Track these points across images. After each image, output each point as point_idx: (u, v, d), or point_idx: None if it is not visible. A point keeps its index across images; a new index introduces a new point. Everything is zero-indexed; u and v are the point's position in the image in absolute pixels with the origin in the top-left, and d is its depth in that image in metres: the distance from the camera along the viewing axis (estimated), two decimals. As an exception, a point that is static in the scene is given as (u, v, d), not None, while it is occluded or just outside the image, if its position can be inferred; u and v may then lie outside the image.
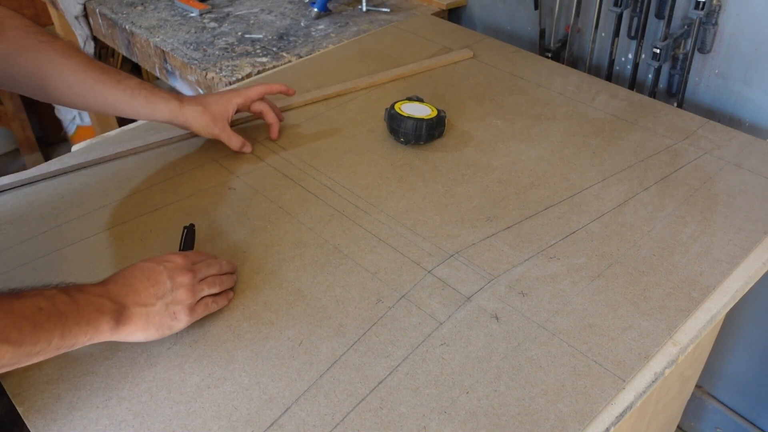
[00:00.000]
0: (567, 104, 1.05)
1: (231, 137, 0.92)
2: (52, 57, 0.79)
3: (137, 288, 0.62)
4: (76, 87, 0.80)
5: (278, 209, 0.85)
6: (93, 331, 0.57)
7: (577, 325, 0.68)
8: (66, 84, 0.80)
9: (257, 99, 0.95)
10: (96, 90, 0.81)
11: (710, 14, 1.06)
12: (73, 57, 0.80)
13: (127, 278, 0.63)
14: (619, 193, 0.86)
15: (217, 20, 1.45)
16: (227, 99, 0.91)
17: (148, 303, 0.62)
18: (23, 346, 0.52)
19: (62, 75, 0.79)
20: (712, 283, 0.72)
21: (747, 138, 0.95)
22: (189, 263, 0.67)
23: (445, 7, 1.45)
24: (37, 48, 0.78)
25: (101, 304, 0.59)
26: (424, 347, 0.66)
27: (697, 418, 1.46)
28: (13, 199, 0.88)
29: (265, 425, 0.59)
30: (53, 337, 0.54)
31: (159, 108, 0.86)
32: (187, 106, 0.88)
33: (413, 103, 0.97)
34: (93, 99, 0.82)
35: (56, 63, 0.79)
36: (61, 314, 0.55)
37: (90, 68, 0.81)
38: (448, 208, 0.84)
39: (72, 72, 0.80)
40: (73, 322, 0.56)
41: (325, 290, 0.73)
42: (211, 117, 0.89)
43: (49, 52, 0.79)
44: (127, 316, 0.60)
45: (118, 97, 0.83)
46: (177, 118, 0.88)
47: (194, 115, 0.88)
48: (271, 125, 0.97)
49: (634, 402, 0.61)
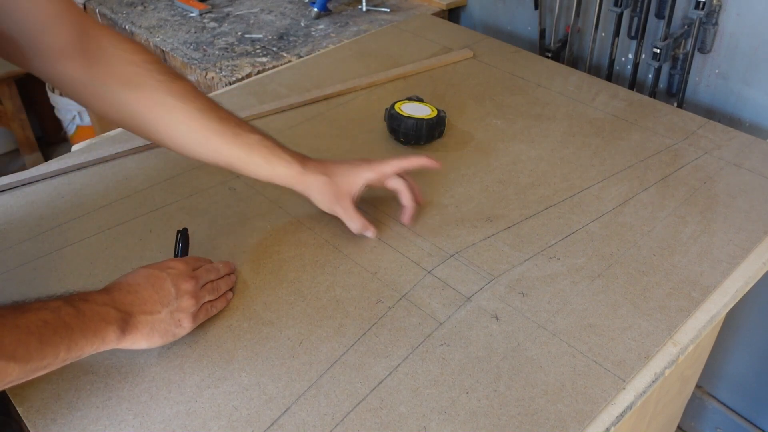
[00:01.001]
0: (567, 104, 1.05)
1: (353, 218, 0.78)
2: (168, 101, 0.71)
3: (142, 296, 0.62)
4: (189, 135, 0.73)
5: (278, 209, 0.85)
6: (99, 341, 0.57)
7: (577, 325, 0.68)
8: (178, 131, 0.73)
9: (393, 174, 0.80)
10: (210, 142, 0.74)
11: (710, 14, 1.06)
12: (190, 102, 0.72)
13: (132, 285, 0.62)
14: (619, 193, 0.86)
15: (217, 20, 1.45)
16: (357, 173, 0.79)
17: (153, 311, 0.62)
18: (30, 362, 0.51)
19: (175, 121, 0.72)
20: (712, 283, 0.72)
21: (747, 138, 0.95)
22: (190, 269, 0.67)
23: (445, 7, 1.45)
24: (153, 87, 0.71)
25: (107, 313, 0.58)
26: (424, 347, 0.66)
27: (697, 418, 1.46)
28: (13, 199, 0.88)
29: (265, 425, 0.59)
30: (59, 351, 0.53)
31: (278, 171, 0.76)
32: (311, 174, 0.77)
33: (413, 103, 0.97)
34: (206, 150, 0.74)
35: (170, 107, 0.72)
36: (67, 327, 0.54)
37: (207, 116, 0.73)
38: (448, 208, 0.84)
39: (186, 119, 0.72)
40: (80, 334, 0.55)
41: (325, 290, 0.73)
42: (335, 191, 0.78)
43: (164, 95, 0.71)
44: (133, 325, 0.60)
45: (233, 152, 0.75)
46: (297, 185, 0.78)
47: (317, 186, 0.78)
48: (405, 208, 0.82)
49: (634, 402, 0.61)
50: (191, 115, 0.72)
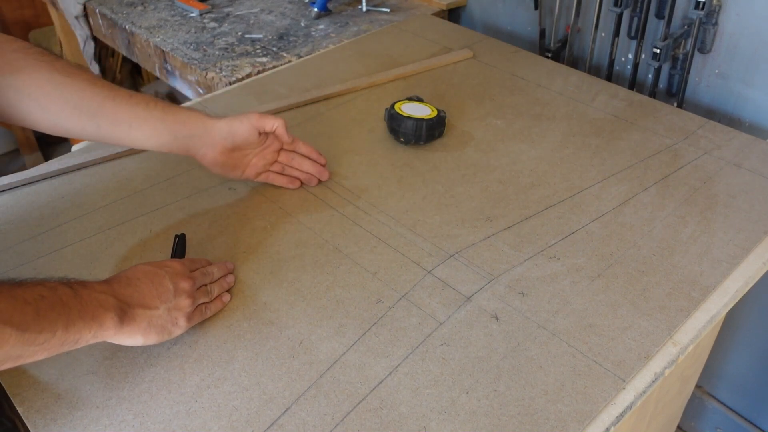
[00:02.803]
0: (567, 104, 1.05)
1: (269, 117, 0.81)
2: (54, 77, 0.71)
3: (141, 290, 0.62)
4: (82, 106, 0.72)
5: (278, 209, 0.85)
6: (97, 326, 0.56)
7: (577, 325, 0.68)
8: (70, 104, 0.71)
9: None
10: (104, 108, 0.72)
11: (710, 14, 1.06)
12: (76, 76, 0.72)
13: (131, 279, 0.62)
14: (619, 193, 0.86)
15: (217, 20, 1.45)
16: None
17: (151, 306, 0.62)
18: (27, 332, 0.50)
19: (65, 95, 0.71)
20: (712, 283, 0.72)
21: (747, 138, 0.95)
22: (187, 270, 0.67)
23: (445, 7, 1.45)
24: (37, 68, 0.70)
25: (105, 300, 0.58)
26: (424, 347, 0.66)
27: (697, 418, 1.46)
28: (13, 199, 0.88)
29: (265, 425, 0.59)
30: (57, 328, 0.52)
31: (181, 116, 0.76)
32: (214, 117, 0.79)
33: (413, 103, 0.97)
34: (103, 118, 0.73)
35: (57, 83, 0.71)
36: (64, 305, 0.54)
37: (97, 86, 0.73)
38: (448, 208, 0.84)
39: (76, 90, 0.72)
40: (77, 316, 0.54)
41: (325, 290, 0.73)
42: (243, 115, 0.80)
43: (50, 72, 0.71)
44: (131, 317, 0.60)
45: (131, 111, 0.74)
46: (201, 126, 0.78)
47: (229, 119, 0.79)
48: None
49: (634, 402, 0.61)
50: (81, 87, 0.72)
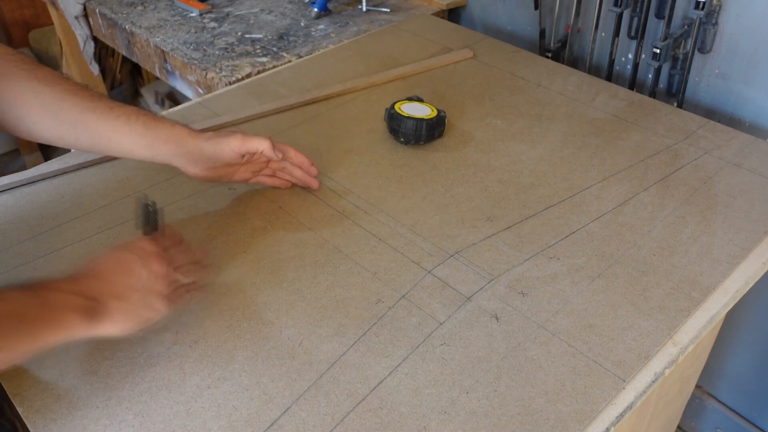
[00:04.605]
0: (567, 104, 1.05)
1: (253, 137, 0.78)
2: (34, 86, 0.69)
3: (112, 280, 0.59)
4: (62, 116, 0.70)
5: (278, 209, 0.85)
6: (64, 330, 0.55)
7: (577, 325, 0.68)
8: (50, 113, 0.70)
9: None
10: (85, 118, 0.71)
11: (710, 14, 1.06)
12: (57, 85, 0.70)
13: (100, 270, 0.60)
14: (619, 193, 0.86)
15: (217, 20, 1.45)
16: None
17: (124, 296, 0.59)
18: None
19: (44, 104, 0.69)
20: (712, 283, 0.72)
21: (747, 138, 0.95)
22: (161, 249, 0.64)
23: (445, 7, 1.45)
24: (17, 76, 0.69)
25: (71, 301, 0.56)
26: (424, 347, 0.66)
27: (697, 418, 1.46)
28: (13, 199, 0.88)
29: (265, 425, 0.59)
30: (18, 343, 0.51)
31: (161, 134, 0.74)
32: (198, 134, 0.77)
33: (413, 103, 0.97)
34: (82, 129, 0.72)
35: (37, 92, 0.69)
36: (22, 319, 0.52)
37: (77, 96, 0.71)
38: (448, 208, 0.84)
39: (56, 100, 0.70)
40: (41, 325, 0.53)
41: (325, 290, 0.73)
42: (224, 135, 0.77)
43: (30, 80, 0.69)
44: (103, 312, 0.58)
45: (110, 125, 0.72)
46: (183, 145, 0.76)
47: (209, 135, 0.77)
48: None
49: (634, 402, 0.61)
50: (61, 96, 0.70)
